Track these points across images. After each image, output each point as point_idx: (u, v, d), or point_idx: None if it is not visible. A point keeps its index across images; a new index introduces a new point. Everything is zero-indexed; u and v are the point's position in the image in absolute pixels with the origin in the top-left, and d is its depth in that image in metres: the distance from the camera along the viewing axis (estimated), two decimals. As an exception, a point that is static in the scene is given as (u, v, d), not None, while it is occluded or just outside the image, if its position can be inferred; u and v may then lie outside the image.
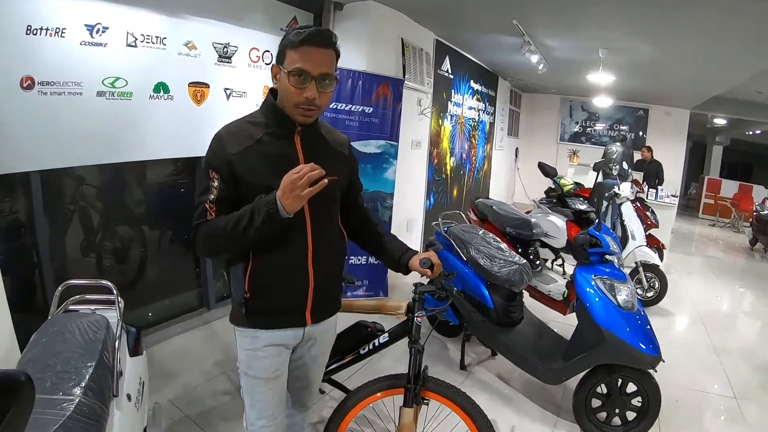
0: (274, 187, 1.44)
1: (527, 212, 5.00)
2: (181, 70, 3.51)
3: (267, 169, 1.52)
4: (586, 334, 2.88)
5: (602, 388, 2.87)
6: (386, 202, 4.77)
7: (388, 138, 4.69)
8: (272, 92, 1.61)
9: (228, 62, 3.84)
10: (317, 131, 1.66)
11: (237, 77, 3.93)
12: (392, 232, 4.62)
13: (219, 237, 1.51)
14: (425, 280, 2.24)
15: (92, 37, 2.99)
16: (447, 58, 6.50)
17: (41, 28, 2.77)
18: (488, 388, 3.38)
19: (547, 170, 5.17)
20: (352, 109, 4.44)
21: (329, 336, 1.89)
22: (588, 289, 2.94)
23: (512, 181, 11.61)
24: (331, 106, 4.31)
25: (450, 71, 6.66)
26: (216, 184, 1.52)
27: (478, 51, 7.20)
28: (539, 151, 11.10)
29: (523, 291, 3.53)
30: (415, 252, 1.94)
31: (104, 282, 2.03)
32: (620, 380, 2.81)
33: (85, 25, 2.95)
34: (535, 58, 6.23)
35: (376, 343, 2.38)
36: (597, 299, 2.88)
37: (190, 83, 3.58)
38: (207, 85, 3.71)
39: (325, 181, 1.41)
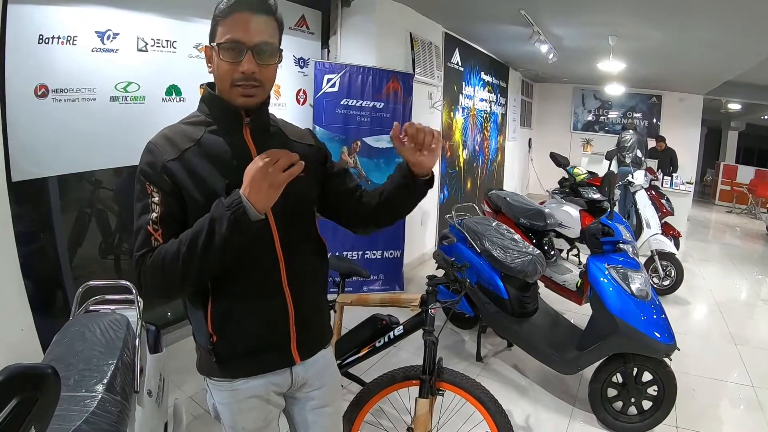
0: (223, 194, 1.16)
1: (541, 203, 4.96)
2: (193, 72, 3.50)
3: (213, 172, 1.22)
4: (600, 324, 2.86)
5: (618, 378, 2.84)
6: (399, 196, 4.73)
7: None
8: (209, 86, 1.32)
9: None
10: (269, 121, 1.35)
11: None
12: (406, 226, 4.74)
13: (173, 267, 1.14)
14: (439, 273, 2.28)
15: (103, 44, 3.00)
16: (456, 51, 6.47)
17: (53, 37, 2.78)
18: (504, 379, 3.37)
19: (559, 160, 5.13)
20: (363, 104, 4.44)
21: (331, 375, 1.51)
22: (601, 279, 2.92)
23: (526, 172, 11.52)
24: (341, 102, 4.32)
25: (460, 63, 6.62)
26: (156, 199, 1.19)
27: (487, 42, 7.16)
28: (552, 141, 10.99)
29: (538, 282, 3.51)
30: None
31: (123, 282, 2.06)
32: (635, 369, 2.79)
33: (96, 32, 2.96)
34: (544, 48, 6.17)
35: (391, 336, 2.38)
36: (610, 288, 2.86)
37: (202, 85, 3.53)
38: None
39: (302, 162, 1.12)
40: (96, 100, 3.00)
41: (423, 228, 5.95)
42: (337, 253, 4.43)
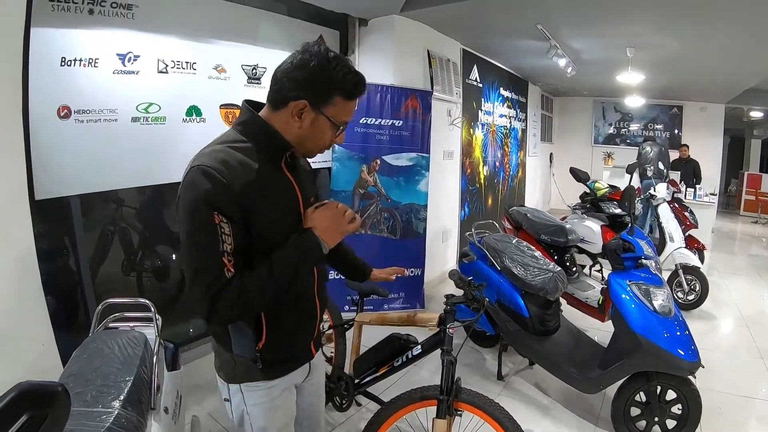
0: (281, 223, 1.29)
1: (563, 218, 4.80)
2: (212, 93, 3.50)
3: (272, 202, 1.28)
4: (623, 342, 2.73)
5: (641, 396, 2.71)
6: (420, 214, 4.65)
7: (419, 150, 4.58)
8: (254, 109, 1.33)
9: (257, 83, 3.82)
10: (294, 156, 1.41)
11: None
12: (427, 243, 4.60)
13: (260, 298, 1.20)
14: (458, 292, 2.20)
15: (124, 66, 3.02)
16: (475, 67, 6.36)
17: (75, 59, 2.81)
18: (526, 398, 3.23)
19: (579, 175, 4.95)
20: (382, 123, 4.37)
21: (321, 361, 1.73)
22: (623, 296, 2.79)
23: (548, 188, 11.29)
24: (360, 121, 4.26)
25: (478, 80, 6.51)
26: (227, 230, 1.18)
27: (505, 58, 7.03)
28: (574, 155, 10.77)
29: (560, 299, 3.38)
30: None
31: (142, 300, 2.06)
32: (659, 387, 2.65)
33: (117, 54, 2.98)
34: (563, 62, 6.03)
35: (410, 355, 2.32)
36: (632, 305, 2.73)
37: (222, 105, 3.57)
38: (238, 107, 3.62)
39: (359, 218, 1.40)
40: (117, 121, 3.01)
41: (444, 245, 5.82)
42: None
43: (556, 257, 4.21)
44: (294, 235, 1.28)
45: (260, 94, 3.74)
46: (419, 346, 2.29)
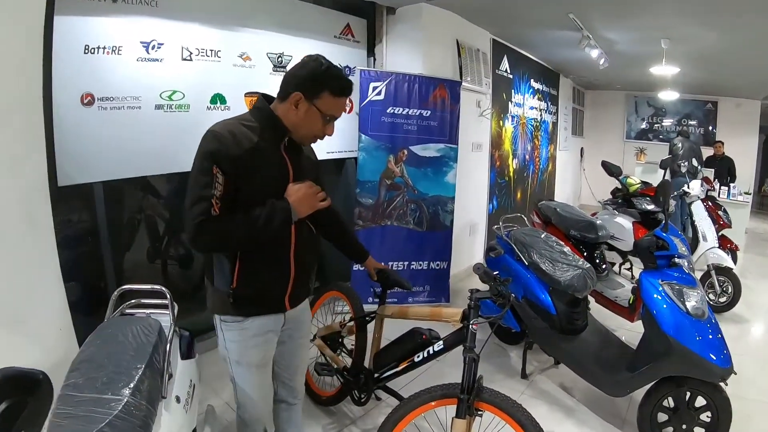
0: (270, 189, 1.60)
1: (593, 214, 4.58)
2: (237, 81, 3.40)
3: (264, 172, 1.59)
4: (653, 344, 2.55)
5: (669, 402, 2.52)
6: (447, 206, 4.49)
7: (448, 141, 4.41)
8: (266, 99, 1.67)
9: (283, 71, 3.65)
10: (295, 143, 1.71)
11: None
12: (454, 236, 4.43)
13: (232, 237, 1.55)
14: (483, 287, 2.09)
15: (148, 53, 2.96)
16: (505, 58, 6.12)
17: (98, 47, 2.76)
18: (550, 398, 3.07)
19: (611, 169, 4.67)
20: (410, 113, 4.21)
21: (305, 317, 1.97)
22: (654, 295, 2.60)
23: (578, 183, 10.92)
24: (387, 111, 4.13)
25: (509, 71, 6.27)
26: (220, 180, 1.51)
27: (536, 49, 6.77)
28: (605, 150, 10.37)
29: (588, 297, 3.21)
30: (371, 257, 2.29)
31: (158, 287, 2.00)
32: (688, 393, 2.47)
33: (141, 42, 2.92)
34: (595, 53, 5.75)
35: (431, 351, 2.21)
36: (664, 306, 2.54)
37: (247, 93, 3.46)
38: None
39: (329, 200, 1.71)
40: (141, 109, 2.96)
41: (471, 239, 5.64)
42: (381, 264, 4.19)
43: (585, 254, 3.99)
44: (272, 199, 1.58)
45: None
46: (441, 342, 2.17)
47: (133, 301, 2.07)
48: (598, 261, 4.09)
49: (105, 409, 1.35)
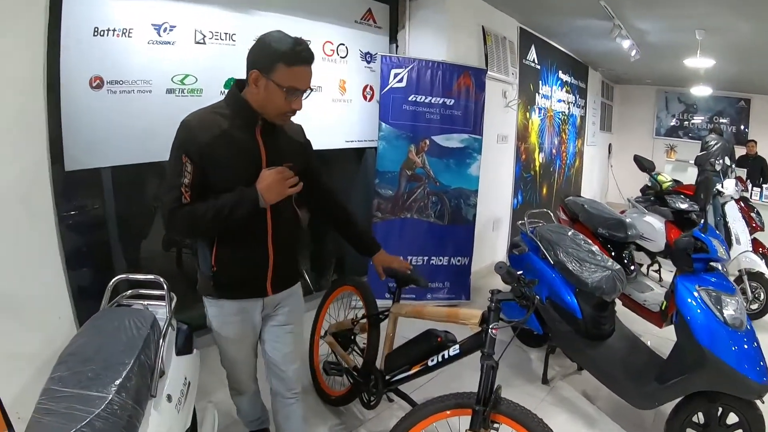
0: (239, 175, 1.59)
1: (621, 212, 4.30)
2: None
3: (233, 158, 1.59)
4: (686, 354, 2.33)
5: (699, 417, 2.30)
6: (470, 199, 4.27)
7: (472, 131, 4.19)
8: (237, 85, 1.65)
9: None
10: (274, 125, 1.67)
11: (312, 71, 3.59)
12: (477, 231, 4.21)
13: (200, 223, 1.57)
14: (506, 287, 1.91)
15: (159, 36, 2.83)
16: (533, 47, 5.86)
17: (108, 30, 2.63)
18: (571, 407, 2.85)
19: (643, 164, 4.38)
20: (433, 101, 4.00)
21: (294, 302, 1.92)
22: (690, 301, 2.36)
23: (605, 179, 10.54)
24: (409, 98, 3.93)
25: (536, 61, 6.00)
26: (189, 168, 1.53)
27: (565, 39, 6.46)
28: (634, 146, 9.87)
29: (616, 299, 2.95)
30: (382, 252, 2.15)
31: (153, 276, 1.90)
32: (720, 409, 2.23)
33: (152, 25, 2.79)
34: (626, 44, 5.45)
35: (446, 356, 2.01)
36: (699, 311, 2.30)
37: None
38: None
39: (301, 184, 1.65)
40: (152, 92, 2.84)
41: (494, 234, 5.42)
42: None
43: (613, 254, 3.73)
44: (241, 186, 1.58)
45: None
46: (457, 346, 1.98)
47: (132, 291, 1.96)
48: (626, 261, 3.83)
49: (87, 406, 1.28)
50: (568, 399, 2.92)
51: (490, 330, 1.78)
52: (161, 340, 1.63)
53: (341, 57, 3.80)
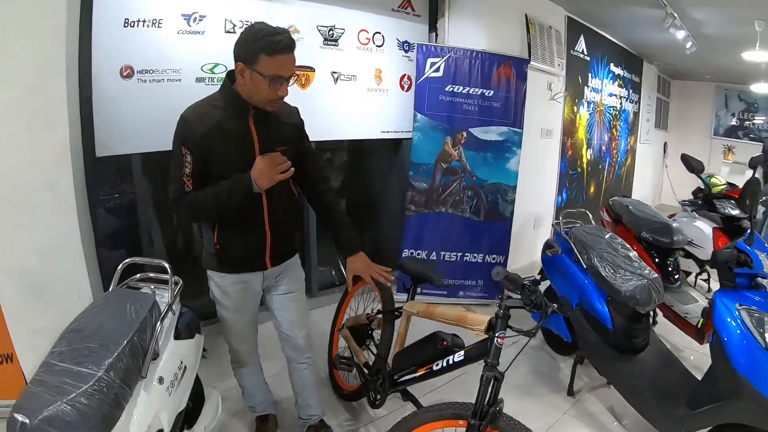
0: (234, 162, 1.69)
1: (671, 216, 3.94)
2: None
3: (228, 148, 1.69)
4: (720, 380, 2.06)
5: None
6: (508, 195, 4.05)
7: (511, 124, 3.96)
8: (229, 77, 1.72)
9: (334, 45, 3.45)
10: (269, 113, 1.74)
11: (345, 60, 3.53)
12: (515, 229, 3.99)
13: (201, 209, 1.71)
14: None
15: (189, 26, 2.83)
16: (581, 38, 5.52)
17: (138, 20, 2.68)
18: (594, 422, 2.61)
19: (691, 164, 3.89)
20: (471, 92, 3.81)
21: (293, 271, 2.05)
22: (728, 320, 2.07)
23: (659, 180, 9.87)
24: (446, 89, 3.76)
25: (585, 52, 5.66)
26: (189, 159, 1.65)
27: (616, 29, 6.07)
28: (690, 146, 9.17)
29: (656, 310, 2.79)
30: (362, 254, 2.05)
31: (157, 261, 1.93)
32: None
33: (182, 15, 2.80)
34: (680, 35, 5.03)
35: (450, 361, 1.88)
36: (738, 332, 2.01)
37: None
38: (312, 69, 3.37)
39: (293, 169, 1.72)
40: (181, 81, 2.85)
41: (535, 233, 5.16)
42: (418, 253, 3.90)
43: (657, 260, 3.40)
44: (236, 173, 1.68)
45: (337, 56, 3.44)
46: (462, 353, 1.84)
47: (143, 274, 2.00)
48: (671, 269, 3.45)
49: (77, 382, 1.32)
50: (593, 414, 2.67)
51: (495, 339, 1.64)
52: (158, 324, 1.67)
53: (377, 46, 3.67)
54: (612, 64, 6.49)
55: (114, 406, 1.35)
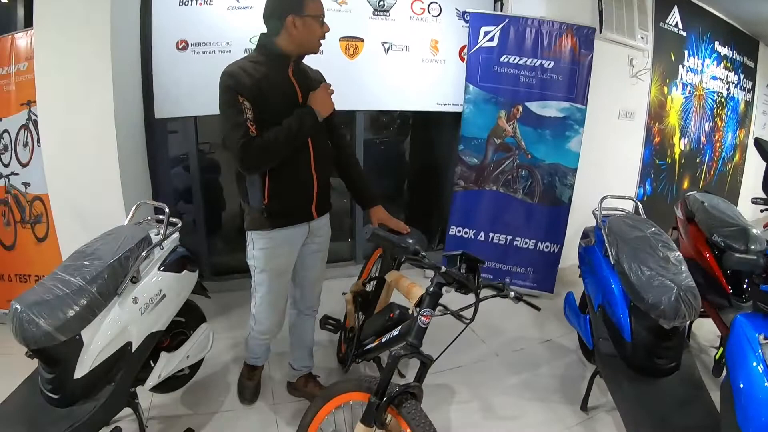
0: (281, 109, 1.77)
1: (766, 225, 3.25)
2: (332, 25, 3.05)
3: (275, 96, 1.77)
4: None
5: None
6: (567, 178, 3.65)
7: (574, 100, 3.60)
8: (264, 36, 1.84)
9: (385, 15, 3.46)
10: (302, 66, 1.93)
11: (397, 30, 3.51)
12: (576, 217, 3.73)
13: (273, 148, 1.74)
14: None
15: (238, 2, 3.12)
16: (675, 9, 4.85)
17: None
18: None
19: (766, 150, 3.24)
20: (528, 63, 3.55)
21: (325, 231, 2.12)
22: (748, 355, 1.57)
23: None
24: (500, 59, 3.53)
25: (680, 26, 4.99)
26: (248, 105, 1.70)
27: (723, 1, 5.28)
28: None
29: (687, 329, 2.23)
30: (381, 207, 2.11)
31: (157, 203, 2.21)
32: None
33: None
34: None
35: (391, 336, 1.80)
36: (754, 377, 1.51)
37: (342, 38, 3.36)
38: (361, 39, 3.42)
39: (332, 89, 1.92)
40: (231, 52, 3.10)
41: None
42: (465, 231, 3.74)
43: (729, 271, 2.65)
44: (297, 108, 1.81)
45: (388, 26, 3.49)
46: (398, 329, 1.75)
47: (156, 215, 2.29)
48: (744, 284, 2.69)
49: (64, 287, 1.60)
50: (603, 436, 2.24)
51: (419, 317, 1.49)
52: (143, 253, 1.87)
53: (433, 16, 3.59)
54: (717, 43, 5.67)
55: (87, 311, 1.62)
